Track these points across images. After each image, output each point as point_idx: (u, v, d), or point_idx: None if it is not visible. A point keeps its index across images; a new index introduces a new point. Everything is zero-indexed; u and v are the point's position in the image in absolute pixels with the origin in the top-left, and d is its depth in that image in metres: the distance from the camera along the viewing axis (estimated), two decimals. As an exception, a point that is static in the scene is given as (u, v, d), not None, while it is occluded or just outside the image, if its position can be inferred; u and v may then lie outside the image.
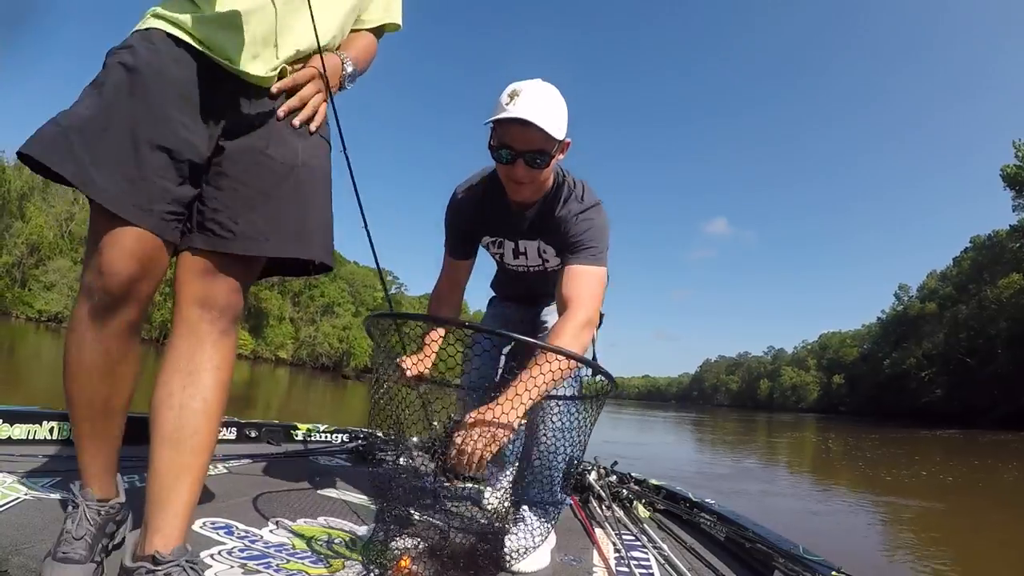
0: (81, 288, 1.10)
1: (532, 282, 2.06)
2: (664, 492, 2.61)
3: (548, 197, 1.81)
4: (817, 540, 3.08)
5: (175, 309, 1.16)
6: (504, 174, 1.72)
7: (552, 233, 1.82)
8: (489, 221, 1.91)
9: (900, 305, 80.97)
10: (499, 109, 1.61)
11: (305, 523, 1.71)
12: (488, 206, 1.88)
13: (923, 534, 5.36)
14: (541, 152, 1.63)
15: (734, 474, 8.61)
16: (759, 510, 5.04)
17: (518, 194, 1.74)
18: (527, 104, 1.58)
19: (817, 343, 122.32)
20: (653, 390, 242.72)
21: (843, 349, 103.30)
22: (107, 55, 1.13)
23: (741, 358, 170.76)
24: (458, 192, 1.94)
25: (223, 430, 2.83)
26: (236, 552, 1.36)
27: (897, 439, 21.69)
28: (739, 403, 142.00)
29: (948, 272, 71.13)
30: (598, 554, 1.77)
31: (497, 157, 1.69)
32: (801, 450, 15.28)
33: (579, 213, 1.75)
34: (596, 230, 1.74)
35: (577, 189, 1.80)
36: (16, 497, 1.42)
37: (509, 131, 1.62)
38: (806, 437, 21.41)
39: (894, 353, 72.57)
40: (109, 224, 1.06)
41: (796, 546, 1.73)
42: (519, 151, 1.63)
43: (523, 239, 1.91)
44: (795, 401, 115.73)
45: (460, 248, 1.99)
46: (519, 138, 1.62)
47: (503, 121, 1.61)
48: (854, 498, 6.96)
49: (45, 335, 34.71)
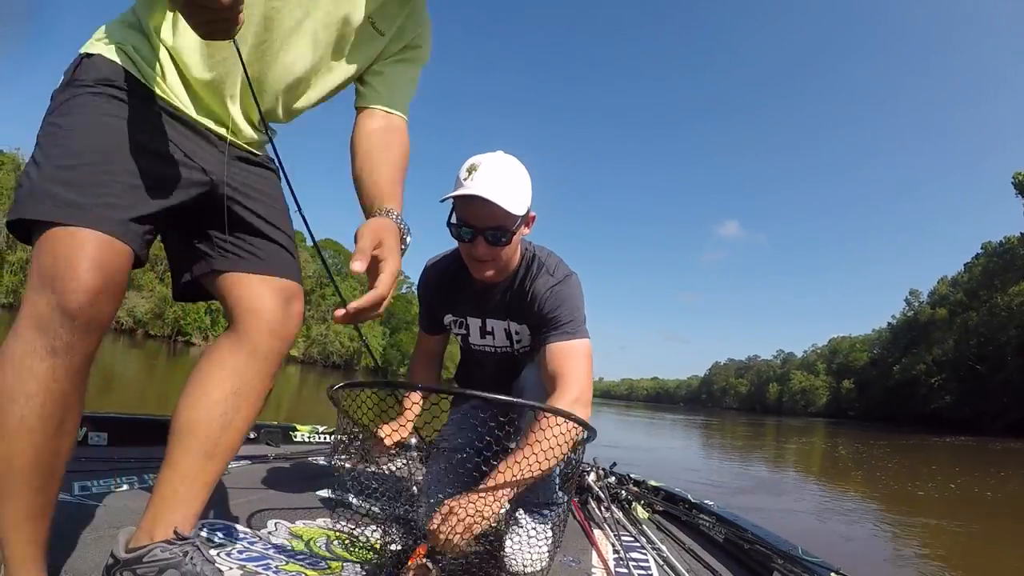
0: (25, 323, 0.89)
1: (498, 368, 1.89)
2: (663, 493, 2.60)
3: (518, 275, 1.73)
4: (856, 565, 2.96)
5: (234, 323, 1.16)
6: (465, 252, 1.65)
7: (524, 312, 1.72)
8: (455, 300, 1.83)
9: (911, 310, 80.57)
10: (457, 185, 1.54)
11: (304, 525, 1.72)
12: (453, 283, 1.81)
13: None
14: (502, 229, 1.56)
15: (753, 487, 8.06)
16: (796, 534, 4.86)
17: (481, 272, 1.65)
18: (486, 179, 1.51)
19: (827, 347, 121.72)
20: (662, 392, 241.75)
21: (853, 354, 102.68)
22: (73, 84, 1.02)
23: (750, 361, 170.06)
24: (427, 267, 1.89)
25: None
26: (235, 553, 1.36)
27: (909, 446, 21.33)
28: (748, 406, 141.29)
29: (959, 278, 70.78)
30: (597, 555, 1.77)
31: (457, 235, 1.62)
32: (817, 458, 14.79)
33: (552, 287, 1.67)
34: (571, 302, 1.66)
35: (548, 263, 1.72)
36: (16, 497, 1.42)
37: (468, 208, 1.55)
38: (816, 443, 21.03)
39: (904, 359, 72.16)
40: (65, 236, 0.91)
41: (795, 547, 1.72)
42: (479, 228, 1.56)
43: (490, 318, 1.80)
44: (804, 405, 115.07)
45: (429, 323, 1.94)
46: (479, 215, 1.54)
47: (461, 198, 1.54)
48: (882, 515, 6.51)
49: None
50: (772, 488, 8.27)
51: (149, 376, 15.34)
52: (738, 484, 8.16)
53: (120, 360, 19.10)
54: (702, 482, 7.59)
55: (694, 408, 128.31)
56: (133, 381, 12.62)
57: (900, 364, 71.95)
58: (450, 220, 1.62)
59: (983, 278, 60.93)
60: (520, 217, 1.57)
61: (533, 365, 1.72)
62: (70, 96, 1.01)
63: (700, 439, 19.21)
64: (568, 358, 1.56)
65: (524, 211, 1.58)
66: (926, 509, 7.13)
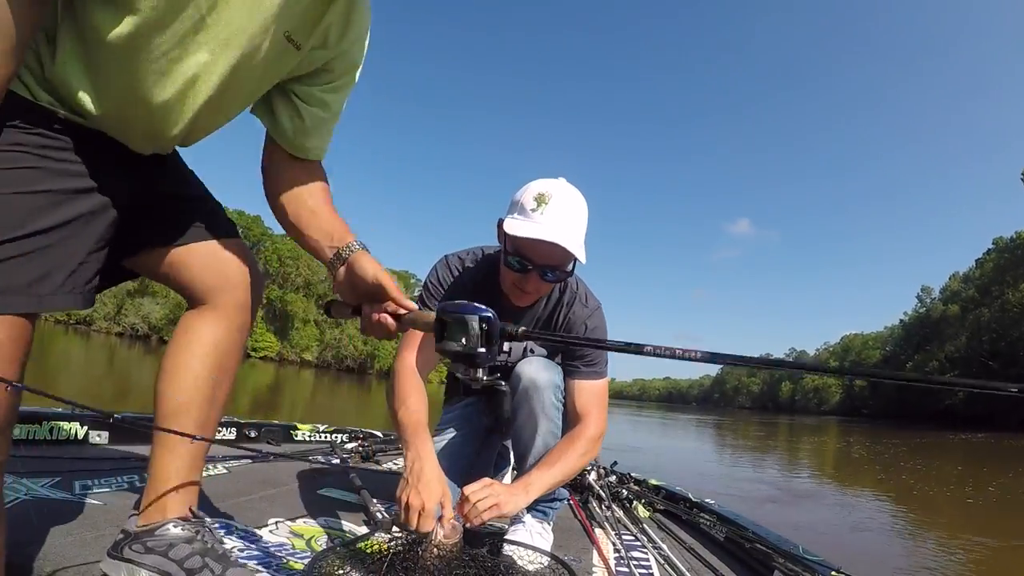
0: None
1: (497, 368, 1.87)
2: (663, 492, 2.61)
3: (550, 299, 1.72)
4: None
5: (194, 299, 1.16)
6: (512, 281, 1.59)
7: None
8: None
9: (922, 307, 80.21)
10: (524, 214, 1.48)
11: (305, 523, 1.72)
12: (481, 294, 1.65)
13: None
14: (560, 269, 1.54)
15: (781, 496, 7.34)
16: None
17: (521, 300, 1.63)
18: (557, 218, 1.46)
19: (839, 345, 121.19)
20: (674, 392, 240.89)
21: (865, 351, 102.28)
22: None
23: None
24: (450, 265, 1.75)
25: (223, 430, 2.88)
26: (236, 552, 1.36)
27: (928, 444, 20.99)
28: (760, 405, 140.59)
29: (971, 274, 70.47)
30: (598, 554, 1.77)
31: (509, 264, 1.56)
32: (838, 460, 14.44)
33: (587, 319, 1.69)
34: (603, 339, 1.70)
35: (580, 290, 1.73)
36: (16, 497, 1.43)
37: (532, 245, 1.48)
38: (829, 442, 20.77)
39: (916, 356, 71.85)
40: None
41: (796, 546, 1.71)
42: (538, 264, 1.52)
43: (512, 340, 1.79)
44: (817, 404, 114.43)
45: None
46: (543, 253, 1.49)
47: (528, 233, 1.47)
48: (919, 528, 6.07)
49: (74, 338, 35.76)
50: (805, 496, 7.70)
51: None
52: (766, 493, 7.60)
53: (135, 366, 19.42)
54: (728, 493, 7.08)
55: (706, 408, 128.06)
56: (148, 388, 12.78)
57: (913, 361, 71.55)
58: (506, 248, 1.56)
59: (995, 274, 60.65)
60: (576, 259, 1.52)
61: (526, 362, 1.72)
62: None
63: (713, 440, 18.91)
64: (595, 396, 1.68)
65: (583, 255, 1.51)
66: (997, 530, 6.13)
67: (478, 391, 0.99)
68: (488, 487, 1.40)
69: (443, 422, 1.94)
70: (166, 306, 59.20)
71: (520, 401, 1.66)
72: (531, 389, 1.64)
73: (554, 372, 1.68)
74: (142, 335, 57.45)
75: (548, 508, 1.80)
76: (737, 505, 2.89)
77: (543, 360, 1.72)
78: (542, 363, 1.69)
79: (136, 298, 58.08)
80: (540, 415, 1.64)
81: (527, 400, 1.65)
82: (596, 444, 1.62)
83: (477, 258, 1.76)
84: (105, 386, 11.36)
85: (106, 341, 39.86)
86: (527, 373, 1.66)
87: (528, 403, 1.64)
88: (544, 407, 1.64)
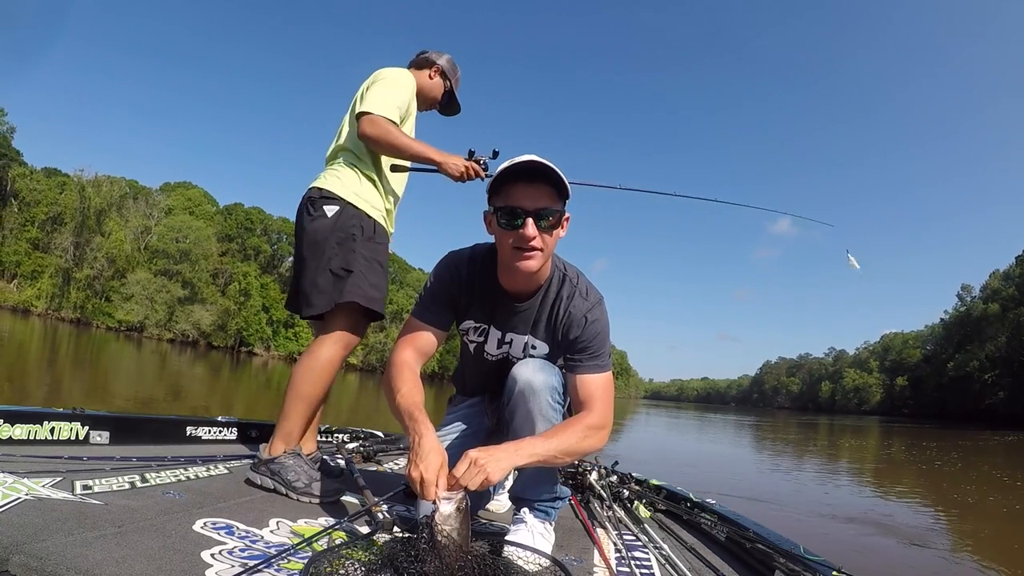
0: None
1: (496, 367, 1.86)
2: (665, 492, 2.61)
3: (548, 291, 1.72)
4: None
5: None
6: (510, 245, 1.58)
7: (553, 332, 1.73)
8: (479, 303, 1.77)
9: (963, 306, 79.54)
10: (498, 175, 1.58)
11: (306, 523, 1.71)
12: (482, 286, 1.75)
13: None
14: (550, 210, 1.55)
15: (863, 516, 5.99)
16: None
17: (527, 262, 1.58)
18: (531, 157, 1.53)
19: (879, 344, 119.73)
20: (712, 392, 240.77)
21: (906, 351, 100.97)
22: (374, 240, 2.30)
23: (802, 360, 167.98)
24: (456, 258, 1.79)
25: (223, 430, 2.93)
26: (236, 552, 1.36)
27: (976, 446, 20.40)
28: (800, 405, 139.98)
29: (1011, 271, 69.79)
30: (599, 554, 1.77)
31: (502, 224, 1.58)
32: (900, 466, 13.09)
33: (587, 313, 1.68)
34: (605, 331, 1.71)
35: (580, 284, 1.72)
36: (17, 497, 1.42)
37: (514, 191, 1.55)
38: (871, 443, 20.08)
39: (958, 355, 71.46)
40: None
41: (796, 546, 1.71)
42: (528, 210, 1.54)
43: (512, 331, 1.77)
44: (857, 403, 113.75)
45: (438, 316, 1.78)
46: (531, 196, 1.54)
47: (510, 179, 1.55)
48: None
49: (125, 344, 35.73)
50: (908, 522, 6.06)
51: (213, 384, 16.51)
52: (856, 514, 6.15)
53: (186, 370, 20.06)
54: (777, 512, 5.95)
55: (745, 408, 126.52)
56: (199, 391, 13.46)
57: (954, 361, 71.32)
58: (495, 215, 1.60)
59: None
60: (564, 205, 1.60)
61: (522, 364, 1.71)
62: (374, 247, 2.28)
63: (757, 443, 17.98)
64: (599, 389, 1.66)
65: (569, 194, 1.60)
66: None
67: (481, 393, 1.00)
68: (479, 452, 1.37)
69: (446, 422, 1.94)
70: (214, 312, 61.11)
71: (517, 404, 1.65)
72: (527, 392, 1.64)
73: (551, 374, 1.68)
74: (192, 341, 58.64)
75: (550, 508, 1.80)
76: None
77: (540, 361, 1.71)
78: (539, 364, 1.69)
79: (187, 305, 59.29)
80: (537, 417, 1.63)
81: (524, 403, 1.64)
82: (598, 433, 1.57)
83: (476, 254, 1.78)
84: (161, 390, 11.84)
85: (157, 347, 39.91)
86: (523, 375, 1.66)
87: (525, 405, 1.64)
88: (541, 409, 1.63)
